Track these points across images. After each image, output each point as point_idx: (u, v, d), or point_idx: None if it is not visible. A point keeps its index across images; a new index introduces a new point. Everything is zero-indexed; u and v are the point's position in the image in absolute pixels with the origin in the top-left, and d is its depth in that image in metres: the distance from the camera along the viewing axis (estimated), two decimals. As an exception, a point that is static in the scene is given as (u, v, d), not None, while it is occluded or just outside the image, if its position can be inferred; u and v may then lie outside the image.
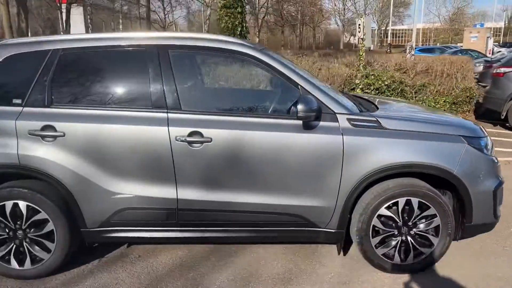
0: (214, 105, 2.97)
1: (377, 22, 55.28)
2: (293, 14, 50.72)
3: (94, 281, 2.88)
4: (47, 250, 2.84)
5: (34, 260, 2.85)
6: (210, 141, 2.68)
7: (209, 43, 2.84)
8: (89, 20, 28.12)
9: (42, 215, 2.78)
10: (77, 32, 21.11)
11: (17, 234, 2.81)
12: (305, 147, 2.72)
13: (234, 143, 2.71)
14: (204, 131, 2.69)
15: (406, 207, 2.81)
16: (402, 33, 79.97)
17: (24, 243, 2.83)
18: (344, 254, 3.16)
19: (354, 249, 3.12)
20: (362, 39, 6.87)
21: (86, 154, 2.71)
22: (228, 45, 2.83)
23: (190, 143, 2.68)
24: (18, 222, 2.80)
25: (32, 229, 2.81)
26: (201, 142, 2.68)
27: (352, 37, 73.95)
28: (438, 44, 51.70)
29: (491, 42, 39.37)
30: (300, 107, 2.54)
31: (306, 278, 2.90)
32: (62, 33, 19.54)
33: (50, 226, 2.79)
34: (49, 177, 2.71)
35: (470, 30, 44.06)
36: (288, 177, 2.76)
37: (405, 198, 2.78)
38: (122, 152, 2.71)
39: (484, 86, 9.55)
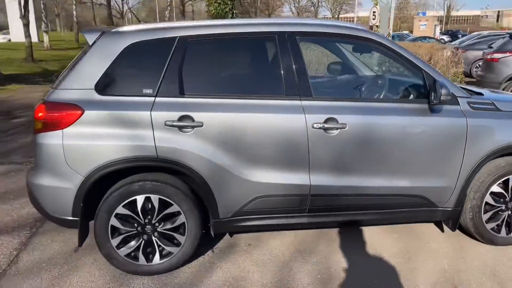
0: (342, 91, 3.01)
1: (331, 10, 56.38)
2: (249, 1, 50.49)
3: (224, 273, 2.85)
4: (177, 244, 2.78)
5: (162, 254, 2.78)
6: (345, 127, 2.73)
7: (338, 30, 2.87)
8: (42, 6, 26.36)
9: (174, 208, 2.70)
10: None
11: (146, 229, 2.73)
12: (432, 130, 2.84)
13: (366, 129, 2.78)
14: (339, 117, 2.73)
15: (514, 184, 3.04)
16: (351, 21, 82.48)
17: (153, 238, 2.74)
18: (442, 231, 3.35)
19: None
20: (377, 26, 7.07)
21: (223, 143, 2.66)
22: (356, 31, 2.87)
23: (326, 129, 2.71)
24: (148, 217, 2.71)
25: (163, 223, 2.74)
26: (337, 128, 2.72)
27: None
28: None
29: (438, 29, 41.66)
30: (444, 91, 2.65)
31: (425, 254, 3.06)
32: (21, 19, 18.26)
33: (181, 219, 2.73)
34: (188, 168, 2.63)
35: (420, 19, 46.45)
36: (414, 160, 2.88)
37: (523, 175, 3.00)
38: (258, 140, 2.69)
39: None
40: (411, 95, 2.93)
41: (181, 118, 2.60)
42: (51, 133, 2.56)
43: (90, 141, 2.56)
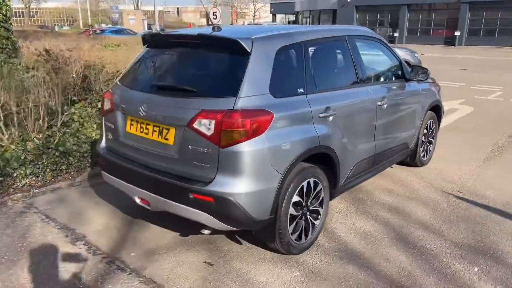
0: (381, 77, 4.09)
1: (22, 1, 49.99)
2: None
3: (338, 235, 3.55)
4: (318, 217, 3.28)
5: (312, 229, 3.23)
6: (387, 102, 3.91)
7: (371, 34, 3.95)
8: None
9: (319, 186, 3.20)
10: None
11: (303, 210, 3.11)
12: (409, 95, 4.37)
13: (394, 101, 4.05)
14: (386, 95, 3.88)
15: (431, 126, 5.03)
16: (35, 12, 75.16)
17: (308, 216, 3.16)
18: (391, 167, 5.05)
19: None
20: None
21: (344, 125, 3.33)
22: (375, 34, 4.04)
23: (381, 105, 3.82)
24: (306, 198, 3.10)
25: (312, 201, 3.17)
26: (386, 103, 3.87)
27: None
28: (81, 25, 52.62)
29: (145, 23, 44.82)
30: (427, 71, 4.22)
31: (405, 181, 4.65)
32: None
33: (321, 194, 3.25)
34: (332, 150, 3.17)
35: (128, 13, 48.09)
36: (405, 116, 4.37)
37: (430, 121, 4.98)
38: (358, 118, 3.53)
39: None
40: (395, 76, 4.37)
41: (325, 110, 3.12)
42: (255, 139, 2.59)
43: (282, 140, 2.75)
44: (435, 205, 4.04)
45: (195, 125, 2.63)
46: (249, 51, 2.74)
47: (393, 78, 4.31)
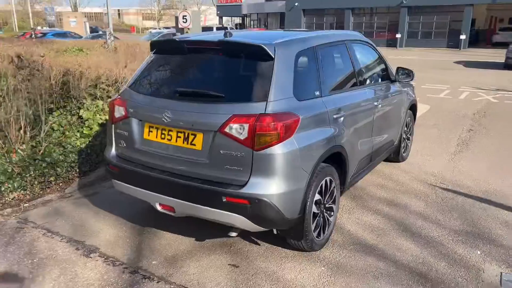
0: (374, 79, 4.30)
1: None
2: None
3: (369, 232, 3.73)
4: (331, 214, 3.42)
5: (328, 225, 3.37)
6: (381, 102, 4.15)
7: (363, 38, 4.16)
8: None
9: (333, 184, 3.35)
10: None
11: (321, 207, 3.24)
12: (394, 93, 4.65)
13: (386, 101, 4.31)
14: (380, 96, 4.12)
15: (410, 122, 5.37)
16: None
17: (325, 213, 3.29)
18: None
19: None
20: (189, 28, 7.99)
21: (351, 125, 3.50)
22: (365, 38, 4.27)
23: (377, 105, 4.05)
24: (323, 196, 3.23)
25: (328, 198, 3.31)
26: (380, 104, 4.11)
27: None
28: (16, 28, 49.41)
29: (87, 25, 43.36)
30: (411, 73, 4.52)
31: (392, 176, 4.94)
32: None
33: (334, 191, 3.40)
34: (343, 149, 3.33)
35: (68, 15, 46.33)
36: (395, 116, 4.65)
37: (408, 118, 5.32)
38: (360, 118, 3.71)
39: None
40: (384, 78, 4.64)
41: (337, 111, 3.28)
42: (286, 141, 2.68)
43: (308, 141, 2.86)
44: (425, 197, 4.34)
45: (227, 129, 2.67)
46: (273, 56, 2.82)
47: (383, 80, 4.57)
